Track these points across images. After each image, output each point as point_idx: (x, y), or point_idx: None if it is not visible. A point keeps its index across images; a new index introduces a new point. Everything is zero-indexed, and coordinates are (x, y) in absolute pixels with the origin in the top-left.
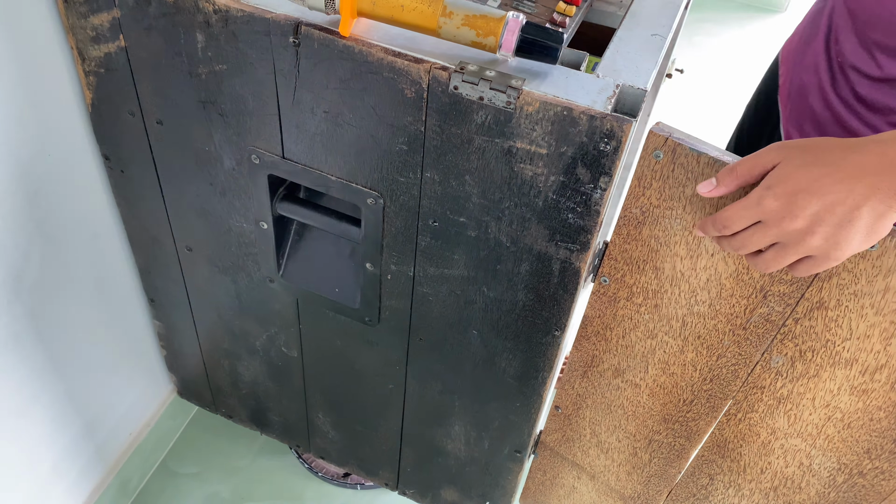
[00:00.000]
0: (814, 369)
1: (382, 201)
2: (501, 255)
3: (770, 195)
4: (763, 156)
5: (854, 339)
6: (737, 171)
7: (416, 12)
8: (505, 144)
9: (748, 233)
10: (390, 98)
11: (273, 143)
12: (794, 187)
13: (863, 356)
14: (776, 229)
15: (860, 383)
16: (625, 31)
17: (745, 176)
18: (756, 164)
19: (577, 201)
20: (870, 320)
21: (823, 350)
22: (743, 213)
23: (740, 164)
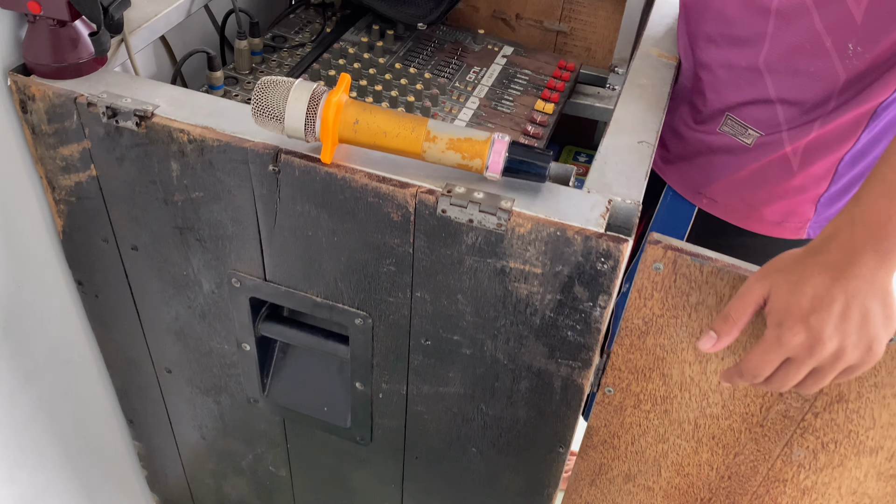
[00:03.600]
0: (838, 459)
1: (371, 321)
2: (499, 372)
3: (787, 332)
4: (750, 293)
5: (878, 428)
6: (731, 316)
7: (399, 138)
8: (498, 264)
9: (782, 373)
10: (376, 222)
11: (254, 266)
12: (802, 312)
13: (888, 443)
14: (810, 359)
15: (887, 469)
16: (611, 139)
17: (742, 319)
18: (747, 303)
19: (576, 319)
20: (893, 409)
21: (846, 440)
22: (768, 358)
23: (732, 308)
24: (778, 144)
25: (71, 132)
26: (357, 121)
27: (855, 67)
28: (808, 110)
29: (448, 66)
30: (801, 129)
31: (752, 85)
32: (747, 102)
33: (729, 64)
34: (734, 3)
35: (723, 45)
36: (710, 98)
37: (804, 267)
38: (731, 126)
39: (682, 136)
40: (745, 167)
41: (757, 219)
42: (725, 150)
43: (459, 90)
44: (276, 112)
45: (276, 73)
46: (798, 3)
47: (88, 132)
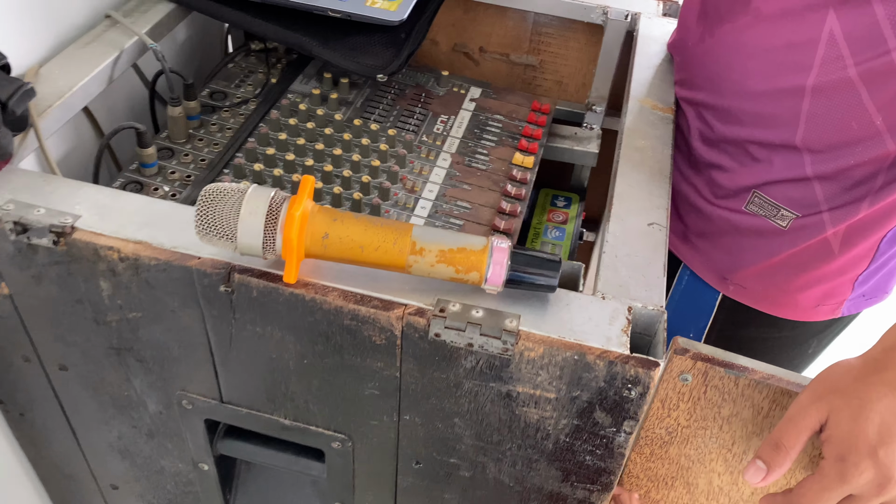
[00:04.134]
0: None
1: (351, 444)
2: (504, 494)
3: (852, 468)
4: (804, 418)
5: None
6: (783, 445)
7: (379, 252)
8: (503, 389)
9: None
10: (354, 345)
11: (208, 387)
12: (869, 446)
13: None
14: (878, 498)
15: None
16: (617, 224)
17: (795, 448)
18: (801, 429)
19: (596, 444)
20: None
21: None
22: (828, 496)
23: (783, 435)
24: (818, 227)
25: None
26: (327, 234)
27: None
28: (852, 188)
29: (412, 117)
30: (845, 210)
31: (786, 162)
32: (780, 181)
33: (758, 141)
34: (759, 81)
35: (748, 122)
36: (733, 172)
37: (866, 386)
38: (760, 205)
39: (702, 210)
40: (780, 252)
41: (791, 306)
42: (756, 232)
43: (428, 146)
44: (227, 230)
45: (218, 138)
46: (841, 80)
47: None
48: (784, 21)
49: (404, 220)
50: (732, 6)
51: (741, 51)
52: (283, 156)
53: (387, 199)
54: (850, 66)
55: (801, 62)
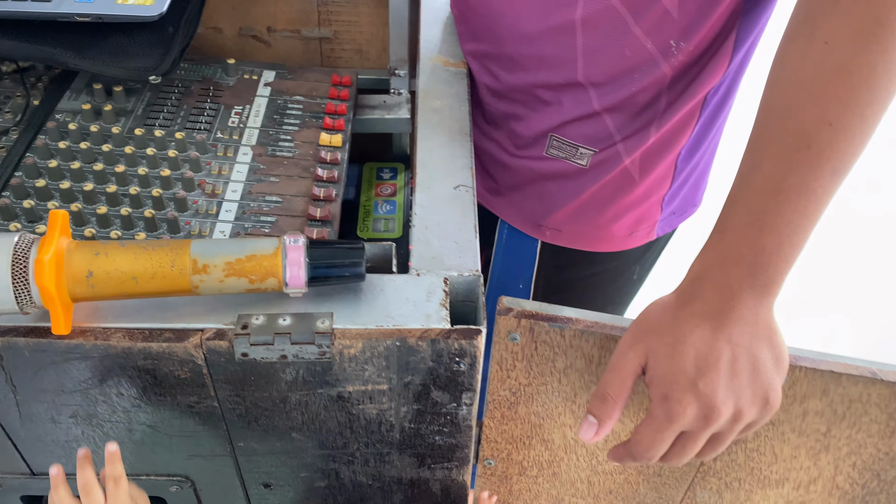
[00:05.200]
0: (744, 495)
1: (190, 484)
2: (365, 495)
3: (675, 405)
4: (624, 364)
5: (780, 462)
6: (609, 395)
7: (156, 280)
8: (332, 392)
9: (678, 448)
10: (158, 385)
11: (14, 463)
12: (688, 380)
13: (793, 474)
14: (707, 429)
15: (796, 497)
16: (423, 194)
17: (621, 396)
18: (624, 376)
19: (441, 423)
20: (793, 442)
21: (750, 477)
22: (662, 437)
23: (608, 385)
24: (616, 158)
25: None
26: (91, 273)
27: (680, 63)
28: (639, 115)
29: (202, 115)
30: (637, 137)
31: (574, 101)
32: (572, 120)
33: (543, 84)
34: (531, 20)
35: (529, 66)
36: (527, 120)
37: (678, 321)
38: (559, 148)
39: (506, 164)
40: (585, 189)
41: (607, 239)
42: (560, 175)
43: (224, 142)
44: None
45: None
46: (605, 10)
47: None
48: None
49: (208, 228)
50: None
51: None
52: (57, 185)
53: (185, 209)
54: None
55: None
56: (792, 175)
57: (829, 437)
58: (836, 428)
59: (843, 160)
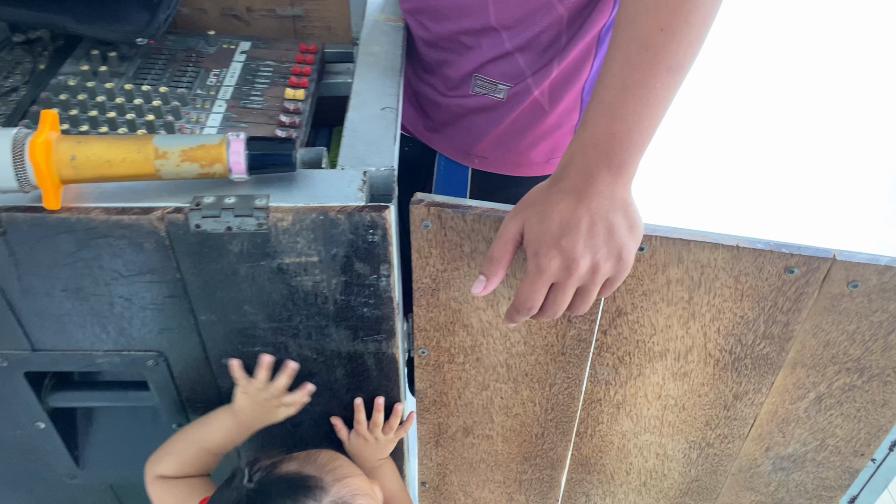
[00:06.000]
0: (636, 370)
1: (164, 358)
2: (312, 369)
3: (543, 258)
4: (507, 231)
5: (659, 333)
6: (494, 257)
7: (126, 163)
8: (273, 264)
9: (551, 299)
10: (131, 256)
11: (17, 339)
12: (553, 238)
13: (672, 344)
14: (571, 279)
15: (678, 368)
16: (355, 112)
17: (504, 257)
18: (506, 241)
19: (367, 295)
20: (665, 312)
21: (637, 350)
22: (535, 288)
23: (494, 250)
24: (526, 91)
25: None
26: (74, 156)
27: (574, 5)
28: (544, 52)
29: (185, 76)
30: (543, 71)
31: (490, 43)
32: (490, 60)
33: (464, 31)
34: None
35: (451, 15)
36: (454, 64)
37: (549, 196)
38: (481, 86)
39: (440, 103)
40: (504, 120)
41: (527, 164)
42: (483, 109)
43: (203, 97)
44: None
45: None
46: None
47: None
48: None
49: None
50: None
51: None
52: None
53: None
54: None
55: None
56: (634, 73)
57: (692, 305)
58: (696, 295)
59: (677, 59)
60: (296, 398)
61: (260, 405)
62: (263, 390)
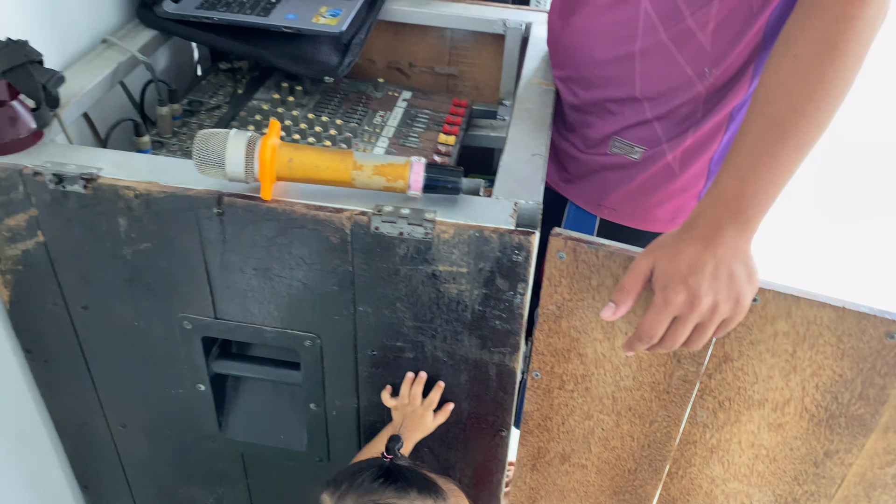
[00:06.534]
0: (734, 416)
1: (319, 341)
2: (440, 370)
3: (671, 292)
4: (638, 267)
5: (760, 382)
6: (625, 287)
7: (330, 170)
8: (428, 269)
9: (671, 331)
10: (317, 246)
11: (204, 306)
12: (681, 276)
13: (771, 395)
14: (692, 314)
15: (774, 419)
16: (509, 155)
17: (634, 288)
18: (637, 275)
19: (501, 309)
20: (768, 363)
21: (738, 397)
22: (659, 318)
23: (625, 281)
24: (661, 155)
25: (17, 203)
26: (291, 159)
27: (712, 84)
28: (680, 123)
29: (356, 113)
30: (678, 140)
31: (632, 111)
32: (630, 126)
33: (610, 99)
34: (602, 52)
35: (600, 85)
36: (596, 126)
37: (679, 241)
38: (619, 147)
39: (578, 159)
40: (637, 178)
41: (652, 220)
42: (618, 166)
43: (369, 132)
44: (218, 159)
45: None
46: (657, 44)
47: (35, 200)
48: (614, 6)
49: None
50: (579, 2)
51: (587, 32)
52: None
53: None
54: (662, 33)
55: (629, 34)
56: (765, 145)
57: (795, 359)
58: (800, 349)
59: (805, 138)
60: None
61: (410, 417)
62: (409, 403)
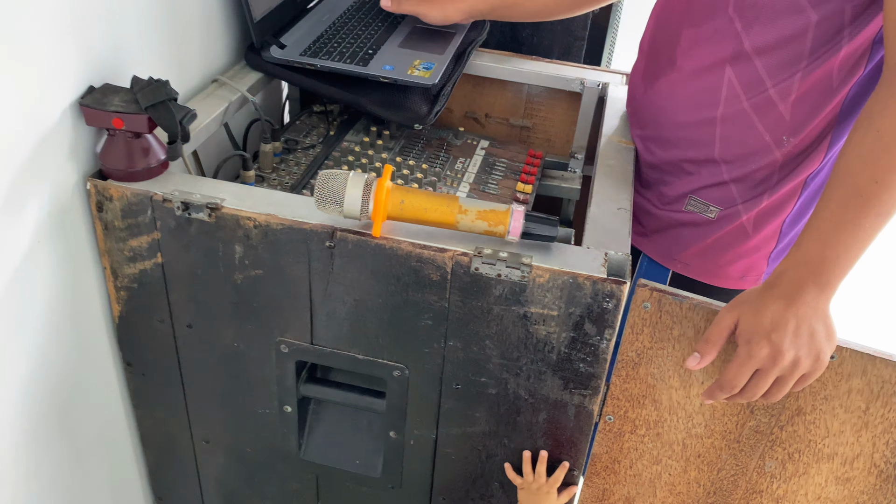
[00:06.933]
0: (802, 468)
1: (408, 372)
2: (521, 407)
3: (755, 346)
4: (723, 320)
5: (831, 436)
6: (710, 339)
7: (437, 212)
8: (521, 310)
9: (752, 383)
10: (417, 283)
11: (302, 332)
12: (765, 331)
13: (841, 449)
14: (774, 368)
15: (842, 473)
16: (596, 208)
17: (718, 340)
18: (722, 328)
19: (586, 352)
20: (841, 418)
21: (807, 449)
22: (741, 370)
23: (710, 333)
24: (736, 216)
25: (143, 225)
26: (403, 201)
27: (789, 152)
28: (756, 186)
29: (438, 159)
30: (753, 202)
31: (709, 172)
32: (707, 186)
33: (688, 159)
34: (684, 115)
35: (680, 145)
36: (672, 184)
37: (763, 298)
38: (694, 205)
39: (653, 214)
40: (711, 236)
41: (724, 276)
42: (693, 223)
43: (451, 177)
44: (337, 197)
45: (295, 171)
46: (739, 111)
47: (160, 225)
48: (699, 74)
49: None
50: (664, 67)
51: (671, 96)
52: None
53: None
54: (744, 101)
55: (712, 100)
56: (847, 213)
57: (867, 415)
58: (872, 406)
59: (885, 207)
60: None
61: (535, 495)
62: (535, 481)
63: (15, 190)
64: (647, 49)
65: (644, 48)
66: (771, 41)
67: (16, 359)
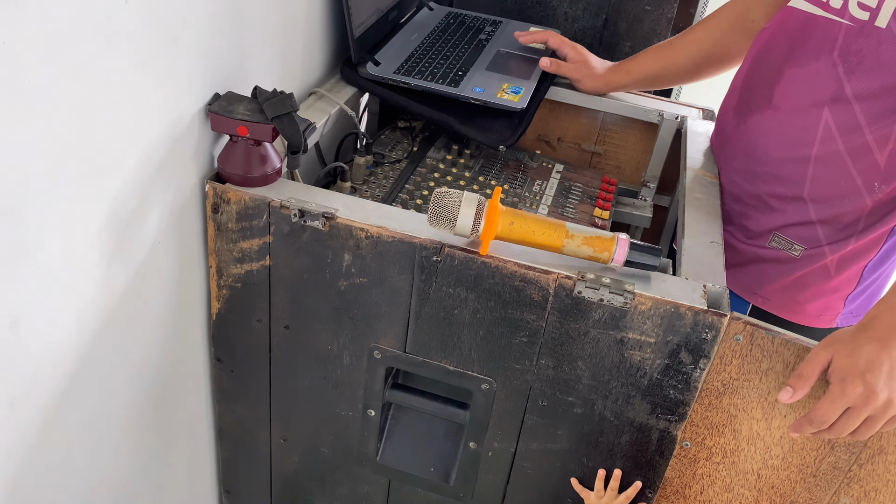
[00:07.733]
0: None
1: (496, 386)
2: (604, 428)
3: (849, 385)
4: (817, 357)
5: None
6: (804, 375)
7: (545, 235)
8: (618, 336)
9: (843, 420)
10: (517, 301)
11: (397, 340)
12: (859, 371)
13: None
14: (866, 407)
15: None
16: (689, 240)
17: (812, 377)
18: (815, 364)
19: (678, 380)
20: None
21: (885, 489)
22: (833, 407)
23: (803, 369)
24: (821, 256)
25: (257, 229)
26: (512, 222)
27: (879, 199)
28: (843, 229)
29: (516, 180)
30: (839, 244)
31: (795, 210)
32: (792, 224)
33: (775, 194)
34: (777, 152)
35: (769, 181)
36: (755, 219)
37: (857, 338)
38: (779, 242)
39: (736, 248)
40: (793, 273)
41: (802, 313)
42: (776, 260)
43: (530, 199)
44: (451, 215)
45: (384, 184)
46: (833, 153)
47: (273, 229)
48: (796, 113)
49: None
50: (759, 104)
51: (766, 132)
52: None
53: None
54: (840, 144)
55: (807, 140)
56: None
57: None
58: None
59: None
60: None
61: None
62: (605, 497)
63: (151, 190)
64: (740, 86)
65: (738, 85)
66: (872, 89)
67: (130, 350)
